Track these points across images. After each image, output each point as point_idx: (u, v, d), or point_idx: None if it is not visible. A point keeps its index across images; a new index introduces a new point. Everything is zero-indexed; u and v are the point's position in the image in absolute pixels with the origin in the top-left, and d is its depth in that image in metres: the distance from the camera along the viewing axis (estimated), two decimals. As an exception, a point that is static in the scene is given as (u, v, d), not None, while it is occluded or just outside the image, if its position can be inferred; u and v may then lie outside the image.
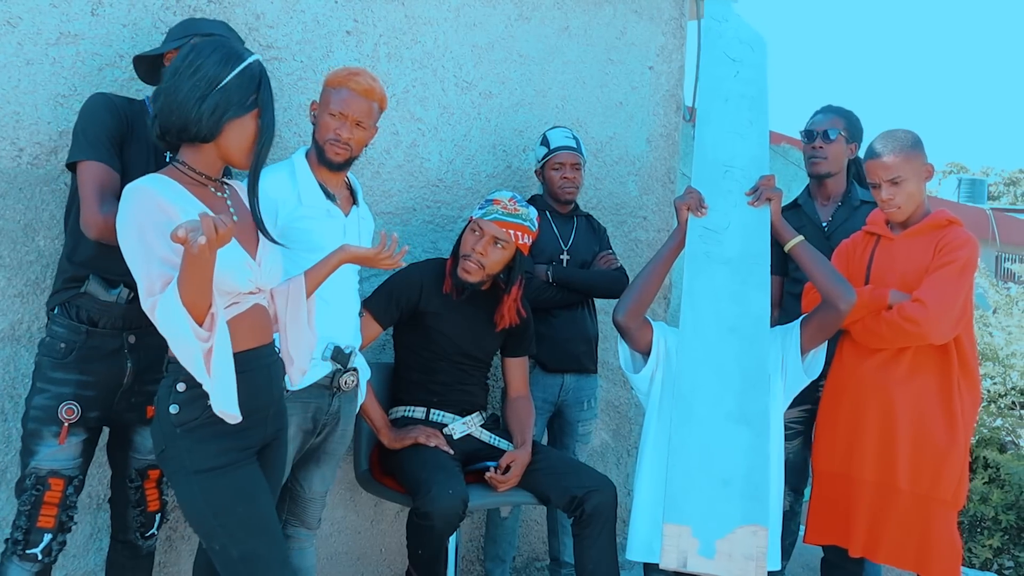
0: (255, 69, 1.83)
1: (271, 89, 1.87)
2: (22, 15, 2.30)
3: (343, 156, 2.39)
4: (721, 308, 2.35)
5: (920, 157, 2.60)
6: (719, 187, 2.51)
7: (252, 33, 2.70)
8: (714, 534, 2.11)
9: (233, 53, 1.82)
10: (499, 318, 2.78)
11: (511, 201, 2.71)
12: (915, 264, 2.58)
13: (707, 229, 2.44)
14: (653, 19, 3.90)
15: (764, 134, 2.63)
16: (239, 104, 1.80)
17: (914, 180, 2.59)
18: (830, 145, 3.07)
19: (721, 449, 2.20)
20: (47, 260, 2.36)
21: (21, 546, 2.04)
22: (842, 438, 2.63)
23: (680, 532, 2.11)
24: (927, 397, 2.53)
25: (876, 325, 2.54)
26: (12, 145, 2.30)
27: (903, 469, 2.52)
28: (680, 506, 2.13)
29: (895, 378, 2.55)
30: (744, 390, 2.26)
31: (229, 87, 1.79)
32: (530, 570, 3.59)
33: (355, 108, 2.36)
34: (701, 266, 2.40)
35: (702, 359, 2.29)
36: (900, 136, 2.60)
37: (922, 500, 2.51)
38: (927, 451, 2.50)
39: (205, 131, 1.80)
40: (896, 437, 2.52)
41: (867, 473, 2.57)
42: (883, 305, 2.54)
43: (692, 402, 2.25)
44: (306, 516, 2.54)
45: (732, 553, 2.10)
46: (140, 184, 1.75)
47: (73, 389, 2.07)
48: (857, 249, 2.76)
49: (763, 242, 2.45)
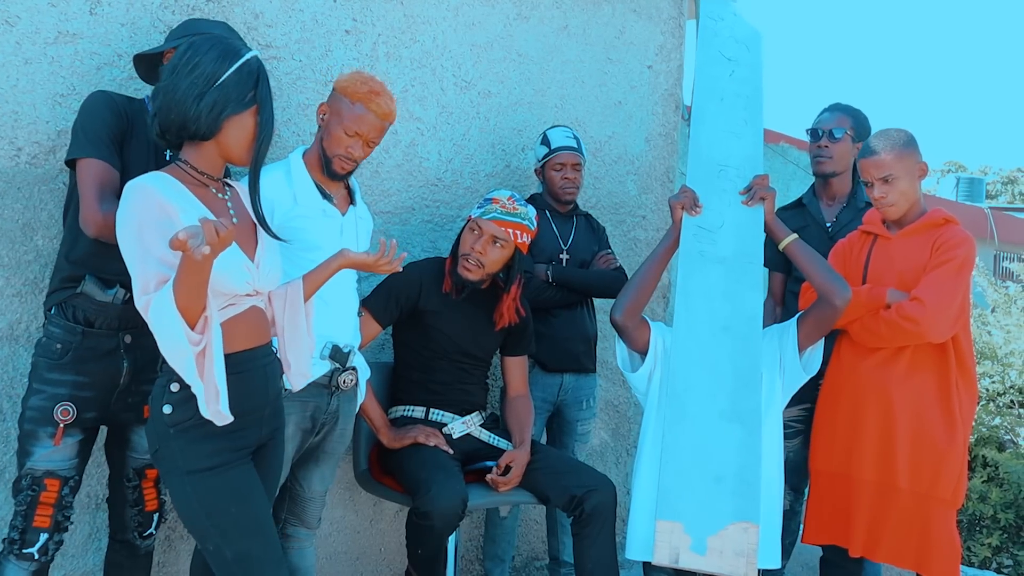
0: (253, 65, 1.82)
1: (269, 85, 1.85)
2: (20, 14, 2.30)
3: (349, 169, 2.41)
4: (715, 307, 2.36)
5: (913, 155, 2.59)
6: (714, 186, 2.52)
7: (251, 32, 2.70)
8: (706, 531, 2.13)
9: (230, 49, 1.81)
10: (498, 317, 2.78)
11: (510, 200, 2.71)
12: (912, 263, 2.57)
13: (701, 228, 2.45)
14: (652, 18, 3.90)
15: (759, 133, 2.64)
16: (237, 101, 1.79)
17: (907, 178, 2.58)
18: (835, 144, 3.04)
19: (713, 447, 2.22)
20: (45, 259, 2.35)
21: (18, 545, 2.04)
22: (841, 438, 2.62)
23: (672, 528, 2.13)
24: (926, 396, 2.53)
25: (874, 324, 2.54)
26: (10, 144, 2.30)
27: (902, 468, 2.51)
28: (673, 503, 2.15)
29: (894, 377, 2.54)
30: (737, 388, 2.28)
31: (227, 84, 1.78)
32: (529, 569, 3.59)
33: (371, 129, 2.36)
34: (695, 265, 2.41)
35: (695, 358, 2.31)
36: (893, 135, 2.60)
37: (922, 499, 2.50)
38: (926, 450, 2.50)
39: (204, 129, 1.79)
40: (895, 436, 2.52)
41: (866, 472, 2.56)
42: (881, 304, 2.54)
43: (685, 400, 2.26)
44: (305, 515, 2.54)
45: (723, 549, 2.11)
46: (141, 182, 1.75)
47: (69, 390, 2.07)
48: (854, 248, 2.75)
49: (757, 241, 2.46)
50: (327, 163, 2.39)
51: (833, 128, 3.04)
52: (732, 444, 2.22)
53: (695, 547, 2.12)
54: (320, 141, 2.40)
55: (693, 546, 2.12)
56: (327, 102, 2.41)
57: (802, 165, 8.87)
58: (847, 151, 3.05)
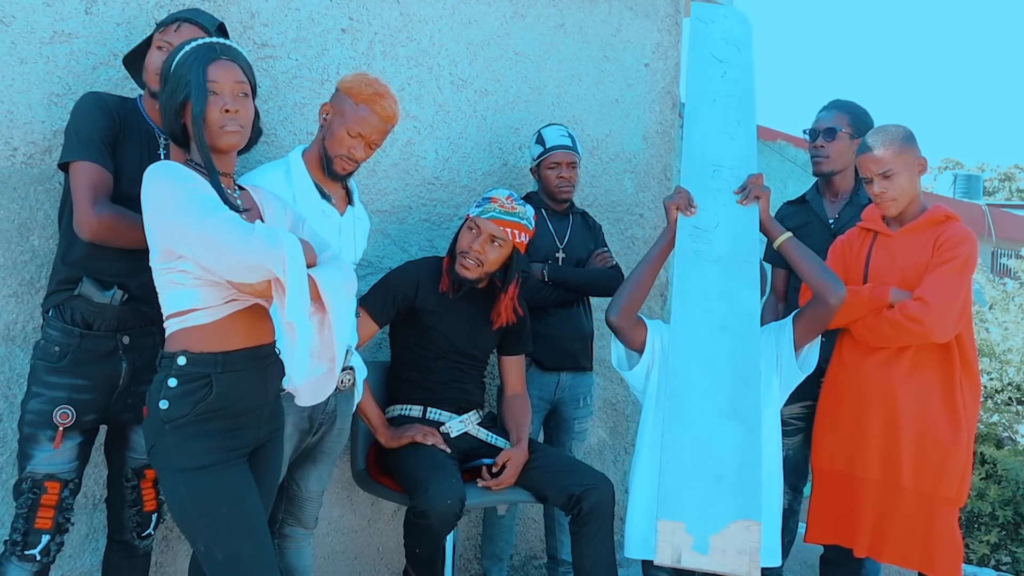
0: (184, 60, 1.83)
1: (199, 70, 1.81)
2: (15, 13, 2.29)
3: (350, 170, 2.41)
4: (711, 306, 2.37)
5: (912, 151, 2.58)
6: (708, 186, 2.52)
7: (247, 31, 2.69)
8: (708, 530, 2.12)
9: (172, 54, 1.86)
10: (496, 316, 2.78)
11: (508, 199, 2.71)
12: (914, 261, 2.56)
13: (696, 228, 2.46)
14: (648, 16, 3.90)
15: (752, 133, 2.65)
16: (173, 98, 1.83)
17: (906, 174, 2.57)
18: (832, 143, 3.03)
19: (713, 445, 2.22)
20: (42, 260, 2.35)
21: (20, 547, 2.04)
22: (844, 437, 2.61)
23: (674, 528, 2.12)
24: (930, 394, 2.52)
25: (878, 324, 2.53)
26: (6, 144, 2.29)
27: (907, 467, 2.50)
28: (674, 502, 2.15)
29: (898, 376, 2.53)
30: (735, 387, 2.28)
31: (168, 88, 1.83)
32: (528, 568, 3.59)
33: (373, 131, 2.36)
34: (691, 265, 2.41)
35: (693, 357, 2.31)
36: (891, 131, 2.59)
37: (926, 498, 2.49)
38: (931, 449, 2.49)
39: (177, 135, 1.86)
40: (900, 435, 2.51)
41: (871, 472, 2.55)
42: (884, 304, 2.53)
43: (684, 399, 2.26)
44: (303, 515, 2.54)
45: (726, 548, 2.11)
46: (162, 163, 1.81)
47: (68, 393, 2.06)
48: (853, 245, 2.74)
49: (752, 240, 2.47)
50: (328, 163, 2.38)
51: (829, 127, 3.04)
52: (732, 443, 2.22)
53: (697, 547, 2.12)
54: (321, 141, 2.39)
55: (695, 546, 2.12)
56: (330, 102, 2.40)
57: (799, 162, 8.87)
58: (845, 149, 3.03)
